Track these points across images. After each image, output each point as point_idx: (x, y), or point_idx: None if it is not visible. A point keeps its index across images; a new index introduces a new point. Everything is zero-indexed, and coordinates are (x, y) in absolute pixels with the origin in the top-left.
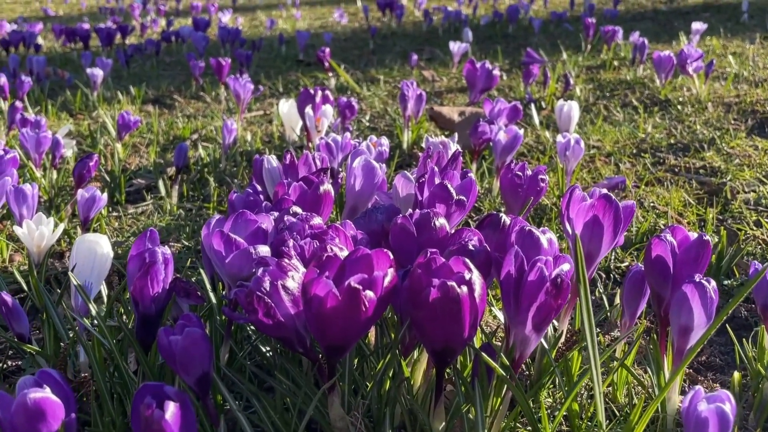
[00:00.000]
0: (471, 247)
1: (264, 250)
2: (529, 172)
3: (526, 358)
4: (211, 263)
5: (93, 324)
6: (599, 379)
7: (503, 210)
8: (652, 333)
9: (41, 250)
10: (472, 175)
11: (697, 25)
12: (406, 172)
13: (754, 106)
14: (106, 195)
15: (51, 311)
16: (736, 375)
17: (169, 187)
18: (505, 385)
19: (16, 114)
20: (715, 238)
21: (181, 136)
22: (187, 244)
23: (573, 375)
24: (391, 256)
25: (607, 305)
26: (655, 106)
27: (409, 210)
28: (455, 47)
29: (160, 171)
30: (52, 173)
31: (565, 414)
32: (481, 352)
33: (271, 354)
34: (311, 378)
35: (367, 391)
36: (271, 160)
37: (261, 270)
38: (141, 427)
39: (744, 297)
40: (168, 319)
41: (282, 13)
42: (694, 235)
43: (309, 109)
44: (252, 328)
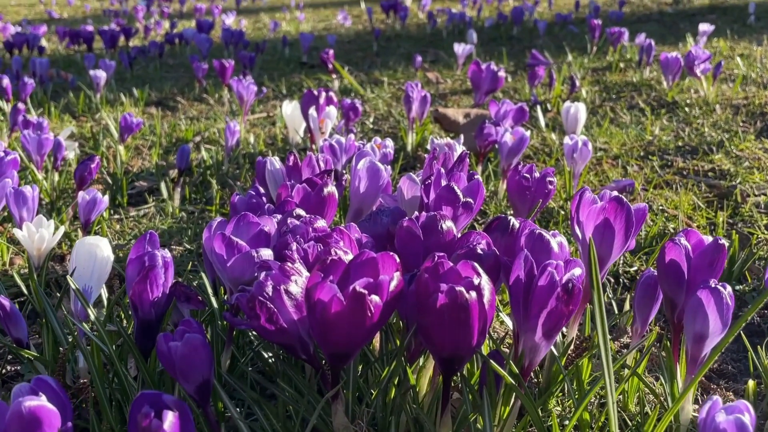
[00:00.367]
0: (479, 250)
1: (266, 254)
2: (537, 175)
3: (536, 365)
4: (212, 267)
5: (92, 329)
6: (613, 388)
7: (510, 213)
8: (665, 340)
9: (41, 253)
10: (479, 177)
11: (704, 27)
12: (411, 174)
13: (763, 108)
14: (107, 197)
15: (50, 316)
16: (751, 383)
17: (171, 190)
18: (514, 394)
19: (18, 116)
20: (726, 242)
21: (183, 138)
22: (188, 247)
23: (583, 383)
24: (397, 259)
25: (616, 310)
26: (662, 108)
27: (416, 213)
28: (459, 49)
29: (163, 173)
30: (54, 175)
31: (575, 423)
32: (489, 359)
33: (273, 360)
34: (314, 385)
35: (372, 399)
36: (274, 162)
37: (263, 274)
38: None
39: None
40: (168, 323)
41: (285, 16)
42: (708, 239)
43: (312, 111)
44: (254, 333)
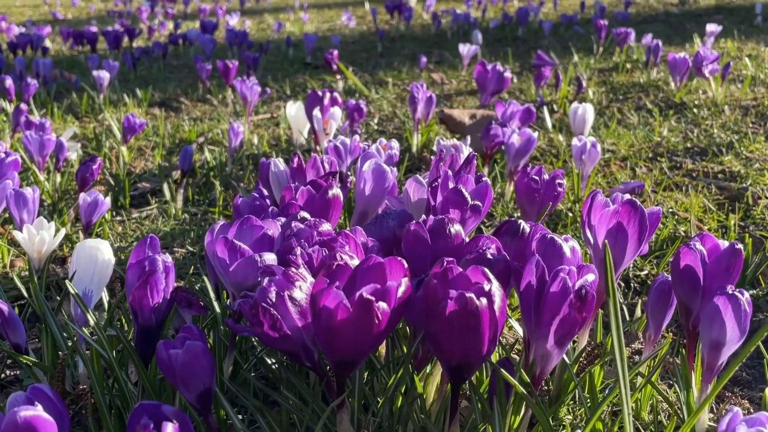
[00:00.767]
0: (489, 255)
1: (270, 258)
2: (545, 177)
3: (548, 374)
4: (215, 271)
5: (92, 334)
6: (628, 398)
7: (517, 215)
8: (678, 346)
9: (42, 255)
10: (488, 180)
11: (711, 27)
12: (417, 176)
13: None
14: (108, 199)
15: (49, 320)
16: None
17: (174, 191)
18: (524, 403)
19: (21, 116)
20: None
21: (187, 139)
22: (191, 249)
23: (596, 391)
24: (405, 264)
25: (627, 315)
26: (670, 109)
27: (423, 216)
28: (465, 49)
29: (165, 174)
30: (56, 176)
31: None
32: (499, 367)
33: (276, 366)
34: (319, 392)
35: (378, 408)
36: (278, 164)
37: (267, 280)
38: None
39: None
40: (170, 328)
41: (290, 16)
42: (724, 243)
43: (317, 112)
44: (257, 339)
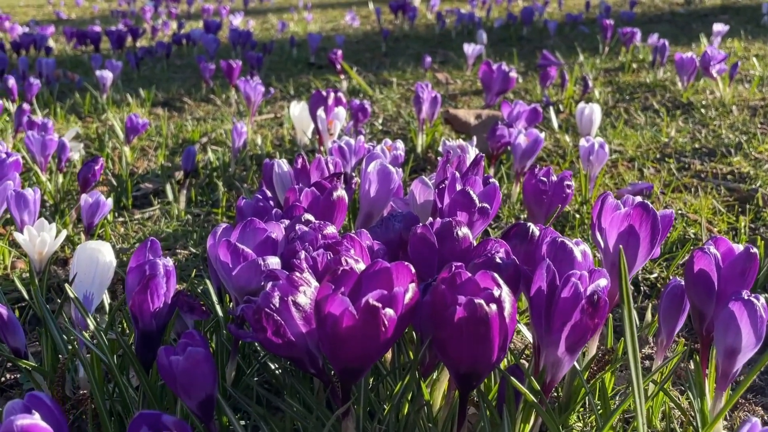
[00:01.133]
0: (498, 259)
1: (273, 262)
2: (554, 178)
3: (558, 381)
4: (217, 274)
5: (92, 338)
6: (642, 407)
7: (523, 217)
8: (690, 351)
9: (43, 257)
10: (496, 182)
11: (718, 27)
12: (423, 177)
13: None
14: (110, 200)
15: (50, 324)
16: None
17: (177, 192)
18: (534, 410)
19: (23, 116)
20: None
21: (190, 139)
22: (194, 251)
23: (608, 399)
24: (412, 269)
25: (637, 320)
26: (678, 110)
27: (429, 219)
28: (469, 49)
29: (168, 175)
30: (58, 177)
31: None
32: (509, 375)
33: (280, 372)
34: (323, 399)
35: (385, 415)
36: (282, 165)
37: (270, 284)
38: None
39: None
40: (172, 333)
41: (293, 16)
42: (739, 247)
43: (321, 112)
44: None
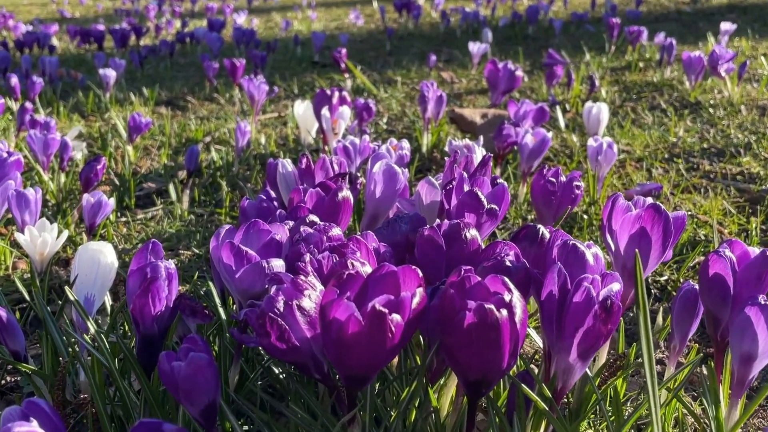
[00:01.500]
0: (508, 263)
1: (278, 265)
2: (563, 179)
3: (570, 388)
4: (220, 277)
5: (93, 341)
6: (658, 416)
7: (530, 218)
8: (704, 357)
9: (44, 257)
10: (504, 182)
11: (725, 26)
12: (430, 177)
13: None
14: (113, 200)
15: (50, 326)
16: None
17: (180, 192)
18: (545, 418)
19: (25, 115)
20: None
21: (193, 138)
22: (197, 251)
23: (621, 406)
24: (420, 273)
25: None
26: (685, 109)
27: (437, 221)
28: (475, 48)
29: (171, 175)
30: (60, 176)
31: None
32: (519, 382)
33: (284, 376)
34: (328, 404)
35: (391, 422)
36: (286, 165)
37: (274, 288)
38: None
39: None
40: (174, 336)
41: (297, 15)
42: (755, 250)
43: (325, 111)
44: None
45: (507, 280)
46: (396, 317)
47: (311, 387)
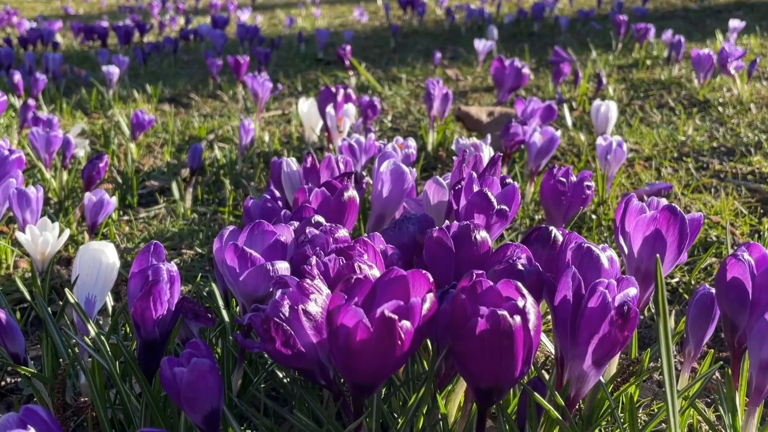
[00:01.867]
0: (520, 266)
1: (283, 267)
2: (573, 179)
3: (583, 396)
4: (224, 279)
5: (94, 344)
6: (677, 426)
7: (538, 218)
8: (716, 360)
9: (45, 257)
10: (515, 183)
11: (734, 23)
12: (437, 177)
13: None
14: (115, 199)
15: (50, 328)
16: None
17: (182, 190)
18: (557, 425)
19: (28, 112)
20: None
21: (196, 136)
22: (200, 251)
23: (635, 413)
24: (430, 278)
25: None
26: (694, 107)
27: (445, 222)
28: (480, 45)
29: (174, 173)
30: (63, 174)
31: None
32: (531, 389)
33: (288, 380)
34: (333, 408)
35: (399, 429)
36: (291, 163)
37: (279, 292)
38: None
39: None
40: (176, 339)
41: (301, 12)
42: None
43: (330, 109)
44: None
45: (520, 285)
46: (405, 324)
47: (316, 392)
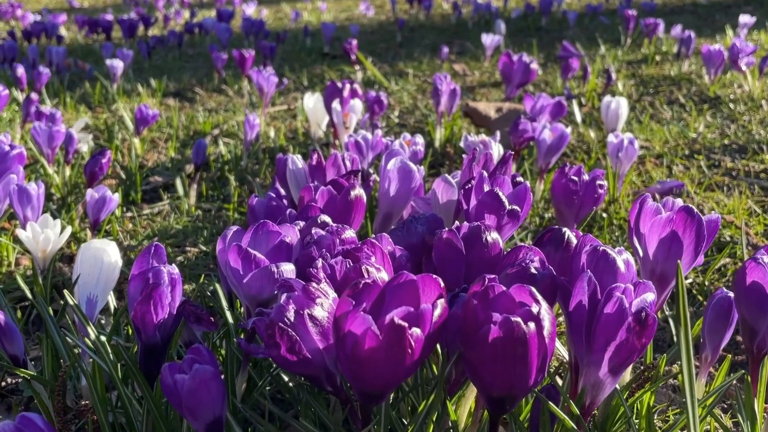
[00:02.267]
0: (533, 270)
1: (288, 269)
2: (585, 177)
3: (599, 404)
4: (228, 280)
5: (95, 346)
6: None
7: (547, 216)
8: (732, 364)
9: (47, 255)
10: (527, 182)
11: (744, 19)
12: (446, 175)
13: None
14: (117, 195)
15: (51, 329)
16: None
17: (187, 186)
18: None
19: (31, 106)
20: None
21: (201, 131)
22: (204, 248)
23: (652, 422)
24: (441, 283)
25: (673, 328)
26: (705, 104)
27: (455, 222)
28: (488, 40)
29: (179, 168)
30: (66, 170)
31: None
32: (544, 398)
33: (293, 384)
34: (340, 413)
35: None
36: (296, 161)
37: (285, 296)
38: None
39: None
40: (179, 341)
41: (307, 5)
42: None
43: (336, 104)
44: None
45: (534, 290)
46: (416, 331)
47: (322, 396)
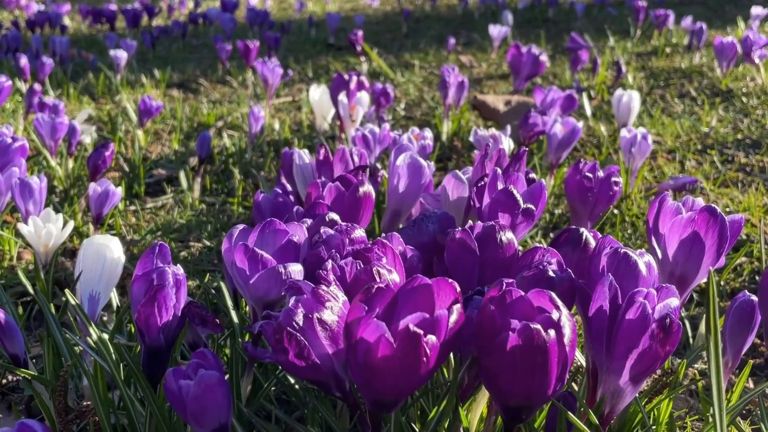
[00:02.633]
0: (551, 273)
1: (295, 270)
2: (600, 174)
3: (618, 413)
4: (233, 280)
5: (96, 349)
6: None
7: (557, 213)
8: (751, 369)
9: (49, 249)
10: (542, 180)
11: (757, 10)
12: (457, 171)
13: None
14: (120, 189)
15: (52, 327)
16: None
17: (191, 179)
18: None
19: (34, 97)
20: None
21: (205, 123)
22: (208, 243)
23: (674, 427)
24: (457, 288)
25: (689, 329)
26: (717, 97)
27: (468, 222)
28: (495, 31)
29: (182, 161)
30: (69, 162)
31: None
32: (562, 407)
33: (299, 387)
34: (347, 419)
35: None
36: (303, 156)
37: (293, 300)
38: None
39: None
40: (183, 342)
41: None
42: None
43: (342, 97)
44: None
45: (554, 295)
46: (431, 338)
47: (329, 400)
